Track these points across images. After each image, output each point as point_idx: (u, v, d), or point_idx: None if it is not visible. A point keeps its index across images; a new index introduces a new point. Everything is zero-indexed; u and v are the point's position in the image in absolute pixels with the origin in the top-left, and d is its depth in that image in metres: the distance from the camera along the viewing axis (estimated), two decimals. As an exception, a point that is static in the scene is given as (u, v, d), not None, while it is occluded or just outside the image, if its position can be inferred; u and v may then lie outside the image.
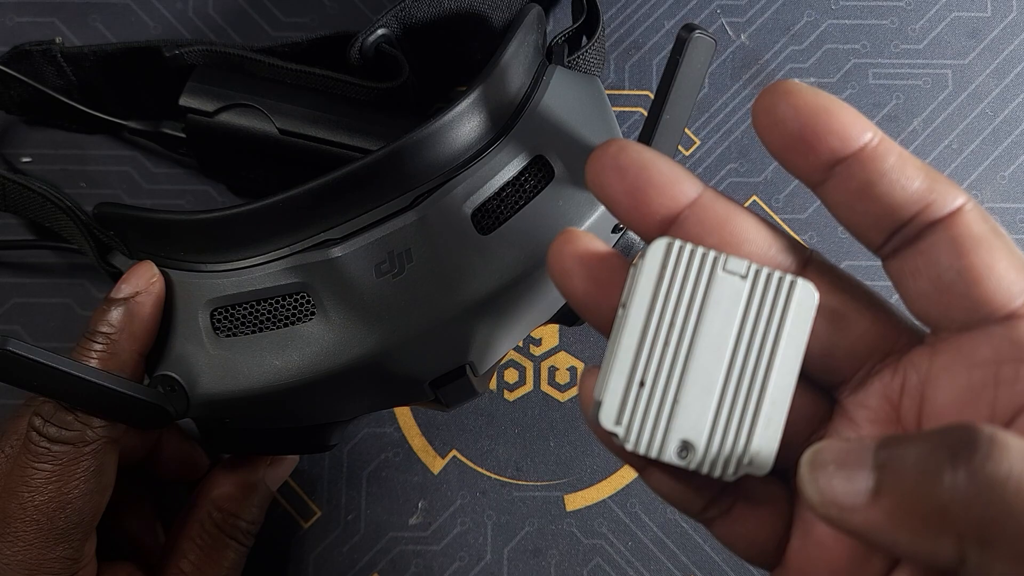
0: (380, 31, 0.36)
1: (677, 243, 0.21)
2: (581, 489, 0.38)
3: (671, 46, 0.27)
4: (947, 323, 0.21)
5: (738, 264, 0.21)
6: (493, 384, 0.39)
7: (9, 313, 0.39)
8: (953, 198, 0.21)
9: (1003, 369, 0.20)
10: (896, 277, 0.22)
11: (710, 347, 0.21)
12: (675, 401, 0.21)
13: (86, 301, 0.39)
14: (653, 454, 0.21)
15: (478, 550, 0.38)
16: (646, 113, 0.41)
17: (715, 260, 0.21)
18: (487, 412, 0.39)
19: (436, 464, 0.38)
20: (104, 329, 0.30)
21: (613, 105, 0.34)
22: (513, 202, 0.30)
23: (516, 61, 0.31)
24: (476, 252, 0.29)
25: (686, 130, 0.41)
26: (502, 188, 0.30)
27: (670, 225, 0.22)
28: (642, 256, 0.21)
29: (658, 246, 0.21)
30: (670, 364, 0.21)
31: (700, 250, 0.21)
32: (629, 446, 0.21)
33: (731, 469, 0.21)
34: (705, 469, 0.21)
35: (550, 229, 0.30)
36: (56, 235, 0.37)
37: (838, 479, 0.19)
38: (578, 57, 0.34)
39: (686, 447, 0.21)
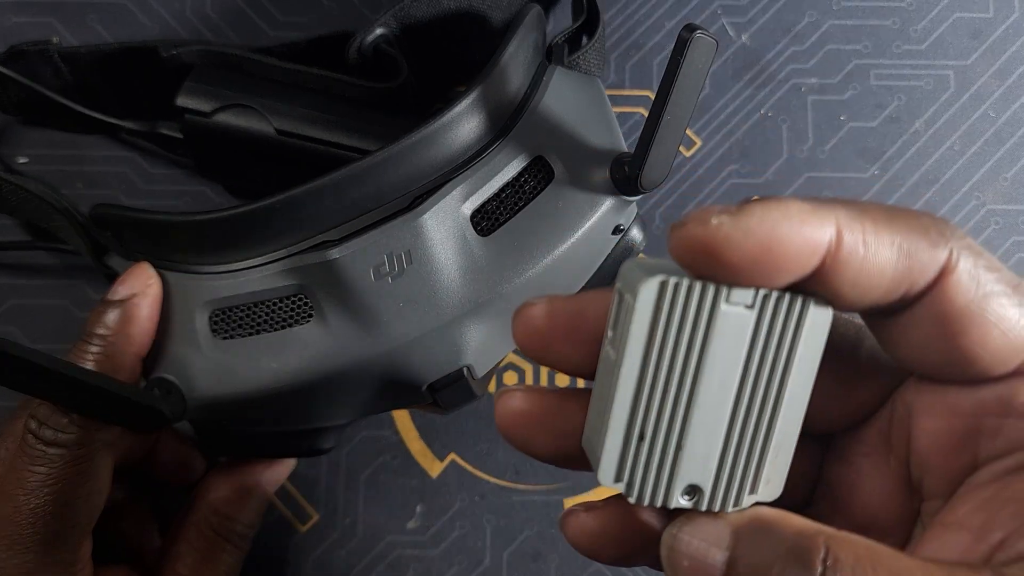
0: (379, 31, 0.36)
1: (671, 281, 0.19)
2: (581, 493, 0.38)
3: (672, 46, 0.27)
4: (935, 378, 0.21)
5: (743, 295, 0.19)
6: (492, 387, 0.39)
7: (6, 315, 0.39)
8: (933, 266, 0.19)
9: (986, 421, 0.20)
10: (881, 339, 0.21)
11: (715, 387, 0.20)
12: (678, 448, 0.20)
13: (83, 302, 0.39)
14: (658, 504, 0.20)
15: (477, 554, 0.37)
16: (646, 114, 0.41)
17: (716, 293, 0.19)
18: (486, 415, 0.39)
19: (435, 467, 0.38)
20: (100, 331, 0.30)
21: (613, 105, 0.34)
22: (513, 203, 0.30)
23: (516, 61, 0.31)
24: (475, 254, 0.29)
25: (687, 131, 0.41)
26: (502, 189, 0.30)
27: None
28: (631, 293, 0.19)
29: (651, 286, 0.19)
30: (671, 413, 0.20)
31: (699, 285, 0.19)
32: (632, 500, 0.20)
33: (742, 503, 0.20)
34: (715, 508, 0.20)
35: (550, 230, 0.30)
36: (53, 236, 0.37)
37: (695, 548, 0.19)
38: (578, 57, 0.34)
39: (693, 490, 0.20)
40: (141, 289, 0.30)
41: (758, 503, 0.20)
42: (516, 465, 0.38)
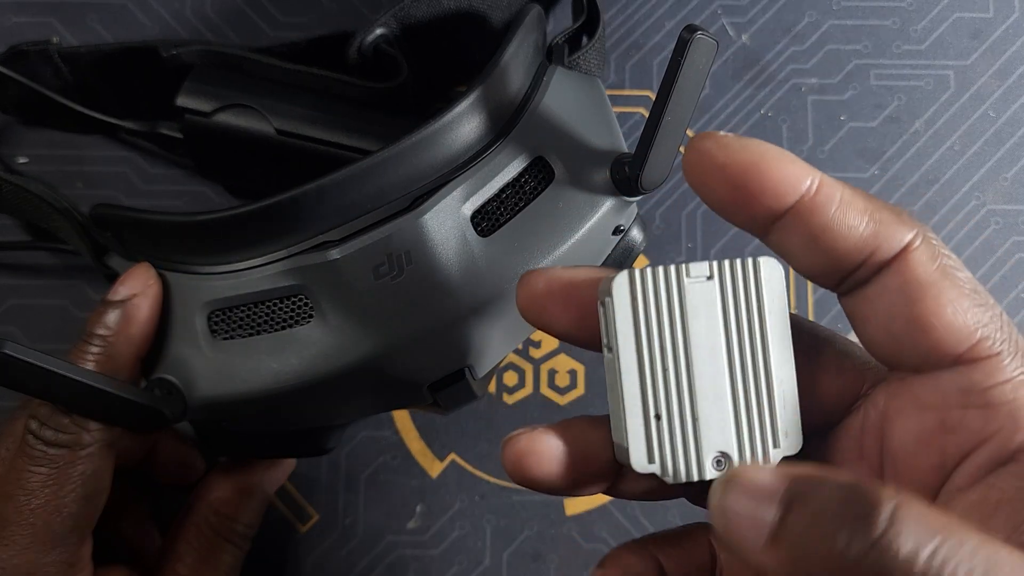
0: (379, 31, 0.36)
1: (637, 272, 0.21)
2: (581, 493, 0.38)
3: (672, 46, 0.27)
4: (901, 365, 0.22)
5: (700, 268, 0.21)
6: (492, 387, 0.39)
7: (5, 315, 0.39)
8: (899, 239, 0.21)
9: (950, 415, 0.21)
10: (851, 317, 0.22)
11: (706, 356, 0.21)
12: (695, 419, 0.21)
13: (82, 303, 0.39)
14: (694, 478, 0.21)
15: (477, 554, 0.37)
16: (647, 114, 0.41)
17: (678, 273, 0.21)
18: (486, 415, 0.39)
19: (435, 468, 0.38)
20: (101, 332, 0.30)
21: (614, 105, 0.34)
22: (513, 204, 0.30)
23: (516, 61, 0.31)
24: (476, 254, 0.29)
25: (688, 131, 0.41)
26: (502, 189, 0.30)
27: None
28: (609, 295, 0.21)
29: (621, 281, 0.21)
30: (676, 388, 0.21)
31: (660, 269, 0.21)
32: (669, 479, 0.21)
33: (770, 460, 0.22)
34: None
35: (550, 231, 0.30)
36: (53, 236, 0.37)
37: (744, 505, 0.19)
38: (579, 57, 0.34)
39: (721, 459, 0.22)
40: (141, 289, 0.30)
41: (785, 458, 0.22)
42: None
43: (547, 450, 0.22)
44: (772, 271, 0.22)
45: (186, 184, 0.40)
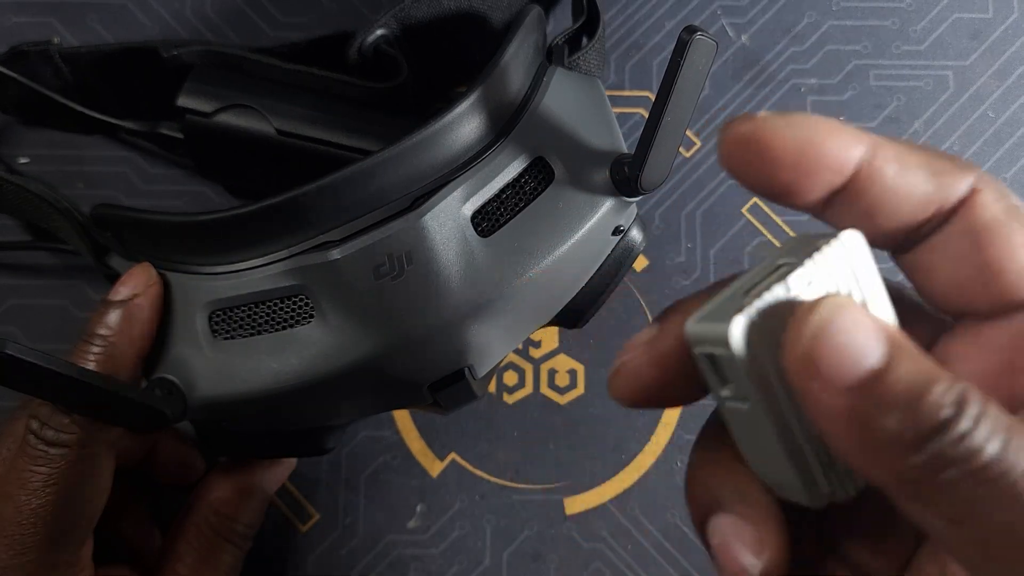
0: (379, 31, 0.36)
1: (745, 319, 0.18)
2: (581, 493, 0.38)
3: (672, 47, 0.27)
4: (968, 314, 0.21)
5: (799, 280, 0.19)
6: (492, 387, 0.39)
7: (6, 315, 0.39)
8: (961, 186, 0.20)
9: (1021, 356, 0.20)
10: (909, 271, 0.21)
11: None
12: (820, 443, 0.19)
13: (83, 303, 0.39)
14: (853, 495, 0.20)
15: (477, 554, 0.37)
16: (646, 114, 0.41)
17: (785, 295, 0.19)
18: (486, 415, 0.39)
19: (435, 467, 0.38)
20: (102, 332, 0.30)
21: (613, 106, 0.34)
22: (513, 204, 0.30)
23: (516, 62, 0.31)
24: (476, 254, 0.29)
25: (687, 132, 0.41)
26: (502, 190, 0.30)
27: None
28: (723, 346, 0.19)
29: (736, 333, 0.18)
30: (796, 420, 0.19)
31: (768, 300, 0.19)
32: (846, 499, 0.20)
33: None
34: None
35: (550, 231, 0.30)
36: (53, 236, 0.37)
37: (846, 329, 0.17)
38: (578, 58, 0.34)
39: None
40: (142, 289, 0.30)
41: None
42: (516, 465, 0.38)
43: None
44: (857, 243, 0.19)
45: (186, 184, 0.40)
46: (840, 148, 0.19)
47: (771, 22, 0.42)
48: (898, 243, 0.21)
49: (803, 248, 0.20)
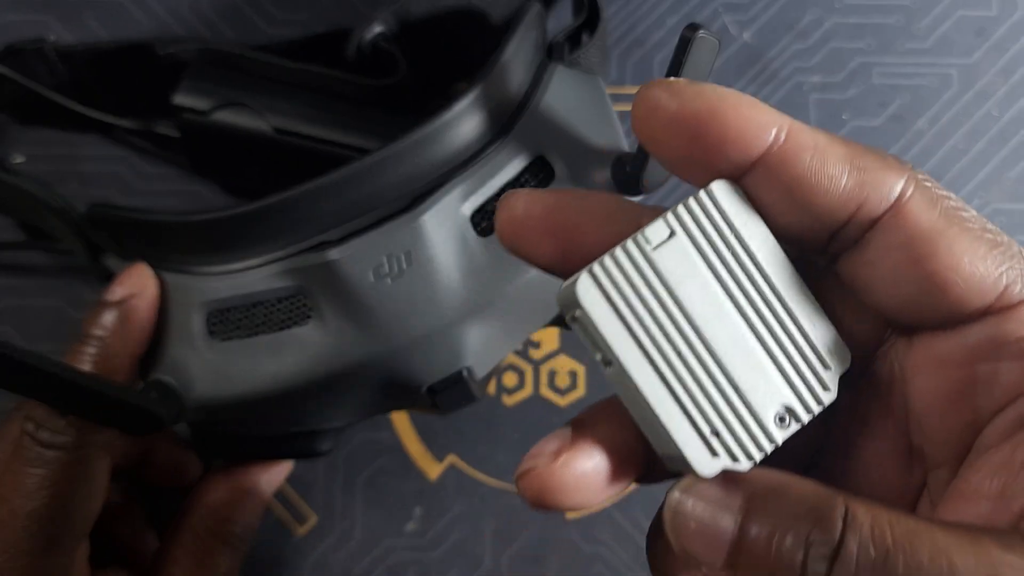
0: (377, 28, 0.36)
1: (596, 268, 0.19)
2: (581, 495, 0.38)
3: (674, 44, 0.26)
4: (920, 327, 0.20)
5: (657, 229, 0.19)
6: (492, 388, 0.39)
7: (1, 315, 0.39)
8: (889, 188, 0.18)
9: (979, 369, 0.19)
10: (849, 282, 0.20)
11: (713, 317, 0.19)
12: (736, 389, 0.19)
13: (79, 303, 0.39)
14: (768, 449, 0.19)
15: (476, 557, 0.37)
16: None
17: (638, 246, 0.19)
18: (486, 417, 0.38)
19: (434, 470, 0.38)
20: (97, 333, 0.30)
21: (615, 103, 0.34)
22: (513, 203, 0.30)
23: (517, 59, 0.31)
24: (475, 254, 0.29)
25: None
26: (502, 189, 0.30)
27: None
28: (577, 306, 0.19)
29: (585, 287, 0.19)
30: (702, 367, 0.19)
31: (618, 252, 0.19)
32: (743, 466, 0.19)
33: (830, 389, 0.19)
34: (814, 410, 0.19)
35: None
36: (48, 236, 0.36)
37: (703, 512, 0.18)
38: (579, 55, 0.33)
39: (784, 414, 0.19)
40: (138, 290, 0.30)
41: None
42: (516, 467, 0.38)
43: (573, 479, 0.19)
44: (728, 192, 0.19)
45: (183, 183, 0.40)
46: (747, 125, 0.18)
47: (774, 19, 0.42)
48: (822, 245, 0.20)
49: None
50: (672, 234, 0.19)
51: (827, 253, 0.20)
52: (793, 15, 0.42)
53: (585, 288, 0.19)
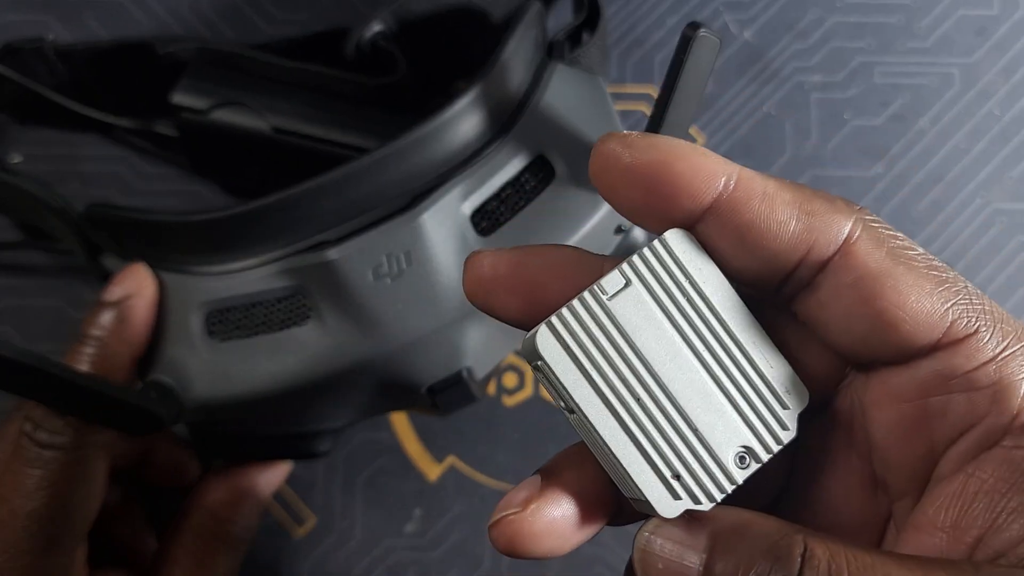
0: (377, 27, 0.36)
1: (555, 321, 0.19)
2: (582, 495, 0.38)
3: (674, 43, 0.26)
4: (874, 363, 0.20)
5: (613, 280, 0.20)
6: (492, 389, 0.39)
7: (0, 315, 0.39)
8: (837, 231, 0.19)
9: (932, 403, 0.20)
10: (809, 324, 0.21)
11: (670, 362, 0.20)
12: (696, 432, 0.20)
13: (78, 303, 0.39)
14: (728, 489, 0.20)
15: (476, 558, 0.37)
16: (648, 111, 0.41)
17: (595, 297, 0.19)
18: (485, 418, 0.38)
19: (433, 470, 0.38)
20: (95, 333, 0.30)
21: (615, 102, 0.33)
22: (513, 203, 0.30)
23: (517, 58, 0.31)
24: (475, 254, 0.29)
25: (691, 129, 0.40)
26: (502, 188, 0.30)
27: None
28: (539, 359, 0.19)
29: (545, 339, 0.19)
30: (660, 412, 0.19)
31: (576, 305, 0.19)
32: (705, 506, 0.19)
33: (789, 428, 0.20)
34: (774, 450, 0.20)
35: (551, 230, 0.29)
36: (47, 236, 0.36)
37: (670, 551, 0.18)
38: (579, 54, 0.33)
39: (744, 454, 0.20)
40: (136, 290, 0.30)
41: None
42: (516, 468, 0.38)
43: (543, 527, 0.20)
44: (680, 240, 0.20)
45: (182, 183, 0.40)
46: (696, 174, 0.19)
47: (774, 18, 0.42)
48: (774, 287, 0.20)
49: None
50: (628, 283, 0.20)
51: (782, 295, 0.21)
52: (794, 14, 0.42)
53: (544, 339, 0.19)
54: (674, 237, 0.20)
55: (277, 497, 0.37)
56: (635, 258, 0.20)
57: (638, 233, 0.31)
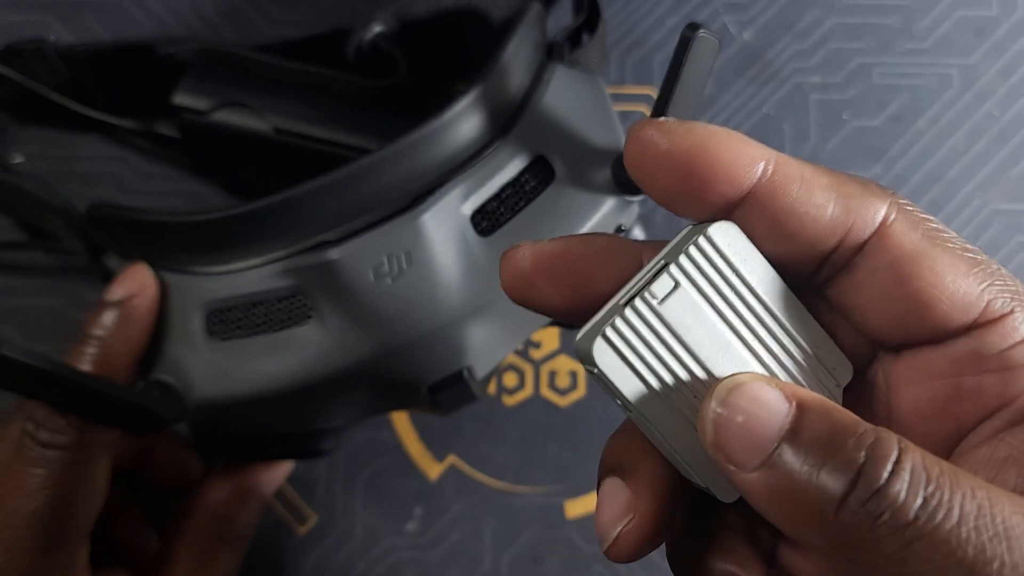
0: (377, 28, 0.36)
1: (609, 331, 0.19)
2: (582, 495, 0.38)
3: (673, 44, 0.26)
4: (909, 344, 0.20)
5: (664, 284, 0.19)
6: (492, 388, 0.39)
7: (1, 315, 0.39)
8: (874, 213, 0.19)
9: (964, 381, 0.20)
10: (838, 306, 0.21)
11: (722, 356, 0.20)
12: None
13: (79, 302, 0.39)
14: None
15: (476, 557, 0.37)
16: (648, 112, 0.41)
17: (647, 305, 0.19)
18: (486, 417, 0.38)
19: (434, 470, 0.38)
20: (97, 333, 0.30)
21: (615, 103, 0.34)
22: (513, 203, 0.30)
23: (517, 59, 0.31)
24: (476, 254, 0.29)
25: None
26: (502, 189, 0.30)
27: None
28: (594, 367, 0.20)
29: (600, 350, 0.19)
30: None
31: (629, 313, 0.19)
32: None
33: (837, 400, 0.21)
34: None
35: (551, 231, 0.29)
36: (49, 236, 0.36)
37: (748, 410, 0.18)
38: (579, 55, 0.33)
39: None
40: (138, 290, 0.30)
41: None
42: (516, 467, 0.38)
43: (656, 526, 0.20)
44: (725, 233, 0.20)
45: (183, 183, 0.40)
46: (735, 160, 0.19)
47: (773, 19, 0.42)
48: (811, 271, 0.20)
49: (686, 241, 0.20)
50: (677, 285, 0.20)
51: (816, 279, 0.21)
52: (793, 15, 0.42)
53: (600, 351, 0.19)
54: (718, 232, 0.20)
55: (279, 496, 0.38)
56: (683, 259, 0.20)
57: (637, 233, 0.31)
